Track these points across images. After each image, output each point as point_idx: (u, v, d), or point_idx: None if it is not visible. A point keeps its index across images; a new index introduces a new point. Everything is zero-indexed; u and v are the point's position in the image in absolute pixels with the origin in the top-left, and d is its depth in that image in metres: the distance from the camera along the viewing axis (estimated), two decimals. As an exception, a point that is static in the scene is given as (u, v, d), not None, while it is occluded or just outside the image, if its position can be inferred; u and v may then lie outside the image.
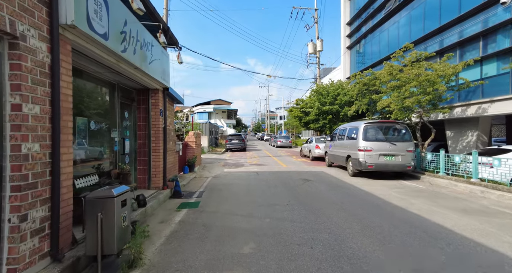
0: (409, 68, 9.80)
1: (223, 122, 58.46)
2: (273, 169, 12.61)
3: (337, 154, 11.66)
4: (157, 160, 7.02)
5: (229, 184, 8.75)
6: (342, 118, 19.65)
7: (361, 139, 9.56)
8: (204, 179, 10.02)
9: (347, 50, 24.07)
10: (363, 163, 9.33)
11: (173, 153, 8.38)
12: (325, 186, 8.31)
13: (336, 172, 11.37)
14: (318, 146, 16.03)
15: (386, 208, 5.79)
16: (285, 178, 9.89)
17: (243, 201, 6.48)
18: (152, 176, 7.00)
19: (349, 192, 7.40)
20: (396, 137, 9.60)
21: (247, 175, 10.78)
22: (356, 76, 12.89)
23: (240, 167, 13.38)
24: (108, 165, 5.71)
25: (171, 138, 8.20)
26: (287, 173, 11.08)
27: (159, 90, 7.07)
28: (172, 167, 8.29)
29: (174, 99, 8.68)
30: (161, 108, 7.17)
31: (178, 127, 14.06)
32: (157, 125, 7.05)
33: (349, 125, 11.17)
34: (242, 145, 25.59)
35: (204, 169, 12.67)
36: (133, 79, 5.94)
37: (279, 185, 8.44)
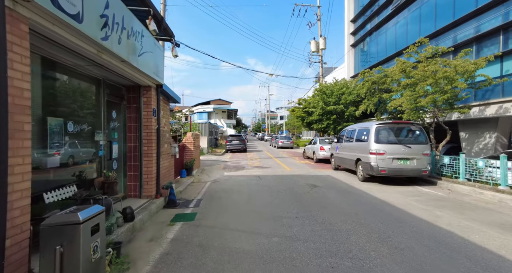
0: (424, 65, 9.06)
1: (223, 122, 57.74)
2: (276, 172, 11.88)
3: (345, 157, 10.93)
4: (150, 165, 6.29)
5: (229, 191, 8.02)
6: (347, 118, 18.91)
7: (373, 141, 8.83)
8: (203, 184, 9.28)
9: (351, 48, 23.33)
10: (375, 168, 8.59)
11: (168, 157, 7.65)
12: (335, 193, 7.57)
13: (344, 176, 10.64)
14: (322, 147, 15.29)
15: (410, 221, 5.05)
16: (289, 183, 9.15)
17: (245, 212, 5.75)
18: (144, 184, 6.27)
19: (363, 201, 6.67)
20: (410, 139, 8.86)
21: (248, 179, 10.05)
22: (364, 73, 12.15)
23: (241, 170, 12.65)
24: (91, 173, 4.98)
25: (166, 140, 7.47)
26: (291, 177, 10.35)
27: (151, 87, 6.34)
28: (167, 173, 7.56)
29: (170, 98, 7.95)
30: (154, 108, 6.44)
31: (175, 128, 13.34)
32: (149, 126, 6.32)
33: (358, 126, 10.44)
34: (242, 146, 24.86)
35: (203, 173, 11.94)
36: (121, 74, 5.21)
37: (284, 192, 7.70)
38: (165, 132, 7.45)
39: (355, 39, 23.13)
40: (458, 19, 11.86)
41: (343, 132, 11.89)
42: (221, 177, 10.79)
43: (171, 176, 7.94)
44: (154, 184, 6.40)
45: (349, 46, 23.46)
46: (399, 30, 16.95)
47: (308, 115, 21.20)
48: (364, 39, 21.46)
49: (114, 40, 4.07)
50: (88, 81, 4.99)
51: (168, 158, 7.65)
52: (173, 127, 13.11)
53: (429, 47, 9.56)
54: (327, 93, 19.31)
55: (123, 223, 4.48)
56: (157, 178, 6.52)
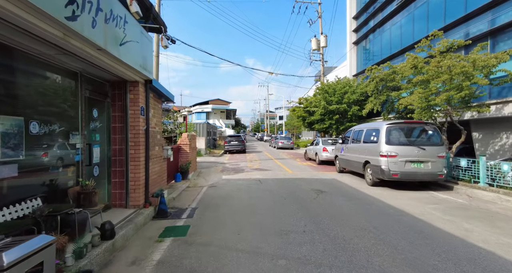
0: (438, 60, 8.36)
1: (221, 122, 57.03)
2: (277, 175, 11.17)
3: (351, 159, 10.22)
4: (137, 170, 5.57)
5: (228, 197, 7.30)
6: (350, 118, 18.23)
7: (384, 142, 8.12)
8: (199, 189, 8.56)
9: (353, 45, 22.65)
10: (386, 171, 7.89)
11: (159, 161, 6.93)
12: (344, 200, 6.87)
13: (351, 180, 9.93)
14: (325, 148, 14.59)
15: (437, 237, 4.35)
16: (293, 188, 8.44)
17: (246, 225, 5.03)
18: (131, 192, 5.54)
19: (376, 209, 5.96)
20: (424, 140, 8.16)
21: (248, 183, 9.33)
22: (372, 70, 11.45)
23: (240, 173, 11.93)
24: (63, 182, 4.26)
25: (157, 142, 6.75)
26: (294, 181, 9.64)
27: (139, 82, 5.62)
28: (158, 178, 6.84)
29: (162, 96, 7.22)
30: (142, 106, 5.71)
31: (171, 128, 12.61)
32: (136, 126, 5.59)
33: (366, 126, 9.73)
34: (241, 147, 24.14)
35: (199, 176, 11.21)
36: (100, 67, 4.49)
37: (288, 199, 6.99)
38: (156, 133, 6.73)
39: (357, 37, 22.46)
40: (470, 12, 11.18)
41: (348, 132, 11.20)
42: (218, 181, 10.07)
43: (163, 181, 7.22)
44: (142, 192, 5.68)
45: (351, 44, 22.78)
46: (405, 26, 16.28)
47: (310, 115, 20.52)
48: (367, 36, 20.78)
49: (86, 22, 3.35)
50: (61, 74, 4.27)
51: (159, 162, 6.92)
52: (168, 127, 12.39)
53: (444, 40, 8.86)
54: (329, 92, 18.62)
55: (100, 241, 3.75)
56: (145, 185, 5.80)
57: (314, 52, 24.74)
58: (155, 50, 14.79)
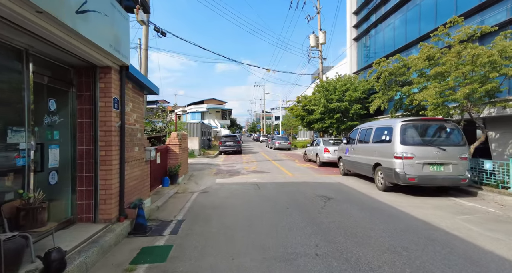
0: (458, 49, 7.44)
1: (217, 122, 55.96)
2: (276, 178, 10.18)
3: (359, 161, 9.27)
4: (109, 176, 4.53)
5: (221, 206, 6.28)
6: (351, 117, 17.32)
7: (398, 142, 7.18)
8: (188, 195, 7.53)
9: (353, 42, 21.77)
10: (401, 175, 6.95)
11: (140, 164, 5.88)
12: (357, 209, 5.89)
13: (359, 184, 8.98)
14: (327, 149, 13.64)
15: (487, 262, 3.38)
16: (295, 193, 7.45)
17: (242, 245, 4.02)
18: (101, 203, 4.50)
19: (399, 222, 5.00)
20: (444, 140, 7.24)
21: (245, 189, 8.32)
22: (380, 63, 10.52)
23: (236, 176, 10.92)
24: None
25: (137, 142, 5.71)
26: (295, 186, 8.65)
27: (111, 68, 4.58)
28: (139, 184, 5.78)
29: (144, 88, 6.18)
30: (115, 97, 4.67)
31: (160, 127, 11.56)
32: (108, 122, 4.55)
33: (376, 124, 8.79)
34: (237, 147, 23.12)
35: (190, 180, 10.16)
36: (53, 43, 3.46)
37: (291, 208, 6.00)
38: (136, 131, 5.68)
39: (358, 33, 21.60)
40: (486, 0, 10.31)
41: (354, 132, 10.25)
42: (211, 185, 9.04)
43: (145, 188, 6.16)
44: (115, 203, 4.63)
45: (351, 40, 21.91)
46: (410, 20, 15.42)
47: (309, 114, 19.59)
48: (368, 32, 19.92)
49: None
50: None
51: (140, 165, 5.87)
52: (157, 126, 11.33)
53: (466, 27, 7.93)
54: (329, 89, 17.70)
55: (40, 278, 2.71)
56: (120, 194, 4.76)
57: (312, 49, 23.88)
58: (144, 42, 13.72)
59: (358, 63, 21.54)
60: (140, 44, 17.17)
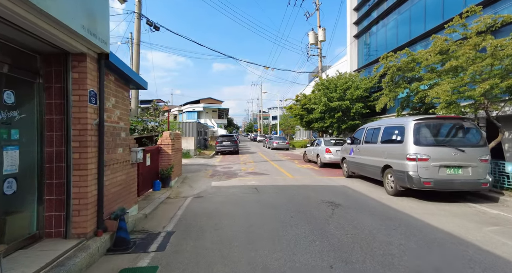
0: (476, 41, 6.84)
1: (213, 122, 55.20)
2: (276, 181, 9.51)
3: (365, 163, 8.63)
4: (84, 183, 3.83)
5: (216, 214, 5.60)
6: (353, 116, 16.71)
7: (411, 142, 6.55)
8: (181, 201, 6.84)
9: (354, 39, 21.18)
10: (415, 179, 6.32)
11: (125, 167, 5.18)
12: (370, 217, 5.25)
13: (365, 187, 8.35)
14: (329, 149, 13.01)
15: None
16: (299, 198, 6.80)
17: (241, 267, 3.34)
18: (74, 214, 3.80)
19: (420, 234, 4.35)
20: (462, 140, 6.62)
21: (243, 193, 7.65)
22: (387, 57, 9.89)
23: (233, 178, 10.24)
24: None
25: (120, 142, 5.01)
26: (298, 189, 8.00)
27: (87, 56, 3.87)
28: (123, 191, 5.08)
29: (129, 81, 5.46)
30: (92, 90, 3.97)
31: (152, 126, 10.85)
32: (83, 119, 3.85)
33: (384, 123, 8.15)
34: (234, 148, 22.44)
35: (184, 183, 9.46)
36: (9, 21, 2.76)
37: (296, 216, 5.34)
38: (120, 130, 4.98)
39: (358, 30, 21.01)
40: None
41: (359, 131, 9.62)
42: (207, 189, 8.35)
43: (130, 194, 5.46)
44: (92, 214, 3.93)
45: (351, 37, 21.31)
46: (414, 16, 14.84)
47: (308, 113, 18.96)
48: (370, 29, 19.32)
49: None
50: None
51: (124, 169, 5.17)
52: (149, 125, 10.62)
53: (485, 16, 7.32)
54: (330, 87, 17.07)
55: None
56: (98, 203, 4.06)
57: (311, 46, 23.26)
58: (136, 37, 12.99)
59: (359, 61, 20.96)
60: (132, 38, 16.42)
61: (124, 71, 4.89)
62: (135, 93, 12.69)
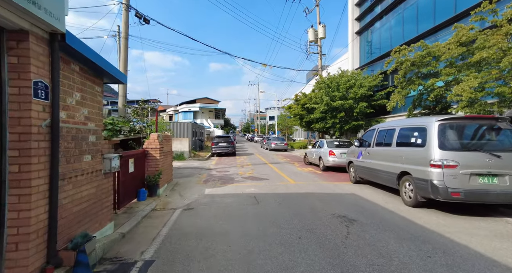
0: (508, 29, 5.94)
1: (209, 122, 54.17)
2: (277, 188, 8.56)
3: (376, 168, 7.71)
4: (25, 205, 2.85)
5: (209, 235, 4.63)
6: (356, 116, 15.81)
7: (436, 146, 5.63)
8: (168, 214, 5.86)
9: (356, 35, 20.31)
10: (441, 188, 5.40)
11: (95, 178, 4.20)
12: (395, 239, 4.31)
13: (378, 195, 7.42)
14: (332, 152, 12.09)
15: None
16: (305, 212, 5.85)
17: None
18: (8, 249, 2.82)
19: (467, 266, 3.42)
20: (497, 144, 5.71)
21: (240, 204, 6.69)
22: (400, 51, 8.96)
23: (229, 184, 9.27)
24: None
25: (88, 148, 4.02)
26: (302, 198, 7.05)
27: (30, 34, 2.89)
28: (92, 208, 4.09)
29: (102, 73, 4.47)
30: (39, 80, 2.99)
31: (139, 127, 9.84)
32: (25, 119, 2.88)
33: (400, 124, 7.23)
34: (231, 149, 21.45)
35: (174, 190, 8.47)
36: None
37: (305, 237, 4.39)
38: (87, 133, 4.00)
39: (360, 26, 20.15)
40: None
41: (369, 132, 8.70)
42: (199, 198, 7.38)
43: (103, 211, 4.46)
44: (37, 246, 2.95)
45: (353, 34, 20.43)
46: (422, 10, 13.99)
47: (308, 113, 18.04)
48: (373, 24, 18.46)
49: None
50: None
51: (94, 180, 4.18)
52: (136, 126, 9.62)
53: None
54: (332, 86, 16.15)
55: None
56: (49, 230, 3.08)
57: (311, 44, 22.37)
58: (124, 30, 11.98)
59: (361, 59, 20.10)
60: (119, 32, 15.38)
61: (93, 59, 3.90)
62: (123, 90, 11.67)
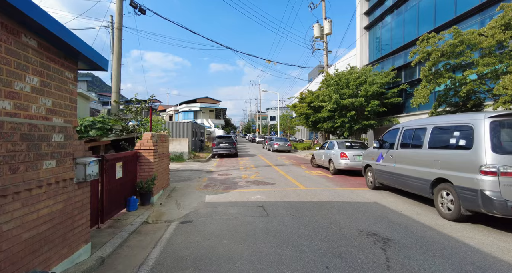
0: None
1: (210, 122, 53.18)
2: (287, 195, 7.56)
3: (402, 174, 6.70)
4: None
5: (209, 263, 3.62)
6: (367, 115, 14.80)
7: (488, 149, 4.63)
8: (161, 230, 4.85)
9: (365, 31, 19.31)
10: (496, 201, 4.40)
11: (63, 190, 3.20)
12: (454, 270, 3.30)
13: (404, 205, 6.42)
14: (344, 154, 11.08)
15: None
16: (326, 228, 4.85)
17: None
18: None
19: None
20: None
21: (246, 216, 5.68)
22: (428, 39, 7.95)
23: (232, 190, 8.27)
24: None
25: (50, 150, 3.03)
26: (319, 209, 6.05)
27: None
28: (55, 232, 3.10)
29: (74, 54, 3.48)
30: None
31: (133, 126, 8.86)
32: None
33: (433, 122, 6.21)
34: (232, 150, 20.46)
35: (170, 197, 7.47)
36: None
37: (334, 267, 3.38)
38: (49, 131, 3.00)
39: (369, 20, 19.14)
40: None
41: (391, 132, 7.70)
42: (198, 207, 6.38)
43: (73, 232, 3.46)
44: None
45: (362, 29, 19.42)
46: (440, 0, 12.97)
47: (315, 112, 17.01)
48: (383, 19, 17.45)
49: None
50: None
51: (61, 193, 3.18)
52: (129, 125, 8.63)
53: None
54: (341, 83, 15.13)
55: None
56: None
57: (316, 40, 21.39)
58: (117, 20, 11.00)
59: (370, 55, 19.10)
60: (112, 22, 14.39)
61: (57, 33, 2.92)
62: (116, 86, 10.69)
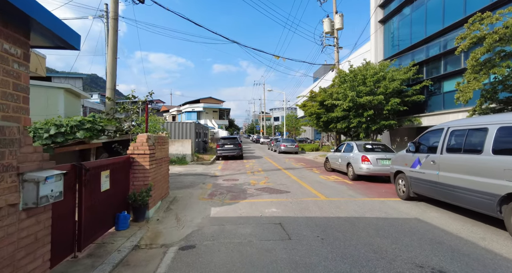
0: None
1: (214, 122, 52.13)
2: (308, 208, 6.38)
3: (452, 184, 5.48)
4: None
5: None
6: (386, 114, 13.56)
7: None
8: (157, 257, 3.71)
9: (380, 25, 18.05)
10: None
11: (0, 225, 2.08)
12: None
13: (455, 223, 5.21)
14: (366, 158, 9.87)
15: None
16: (369, 259, 3.67)
17: None
18: None
19: None
20: None
21: (262, 239, 4.52)
22: (483, 20, 6.72)
23: (241, 200, 7.13)
24: None
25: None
26: (352, 229, 4.87)
27: None
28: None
29: (25, 22, 2.38)
30: None
31: (128, 126, 7.75)
32: None
33: (497, 120, 4.98)
34: (238, 151, 19.33)
35: (170, 210, 6.33)
36: None
37: None
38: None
39: (385, 13, 17.90)
40: None
41: (431, 133, 6.50)
42: (203, 224, 5.23)
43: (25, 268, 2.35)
44: None
45: (376, 23, 18.18)
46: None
47: (327, 111, 15.80)
48: (401, 11, 16.21)
49: None
50: None
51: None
52: (125, 125, 7.52)
53: None
54: (357, 79, 13.90)
55: None
56: None
57: (327, 35, 20.19)
58: (112, 9, 9.91)
59: (386, 50, 17.85)
60: (107, 11, 13.32)
61: (17, 4, 1.77)
62: (111, 82, 9.60)
